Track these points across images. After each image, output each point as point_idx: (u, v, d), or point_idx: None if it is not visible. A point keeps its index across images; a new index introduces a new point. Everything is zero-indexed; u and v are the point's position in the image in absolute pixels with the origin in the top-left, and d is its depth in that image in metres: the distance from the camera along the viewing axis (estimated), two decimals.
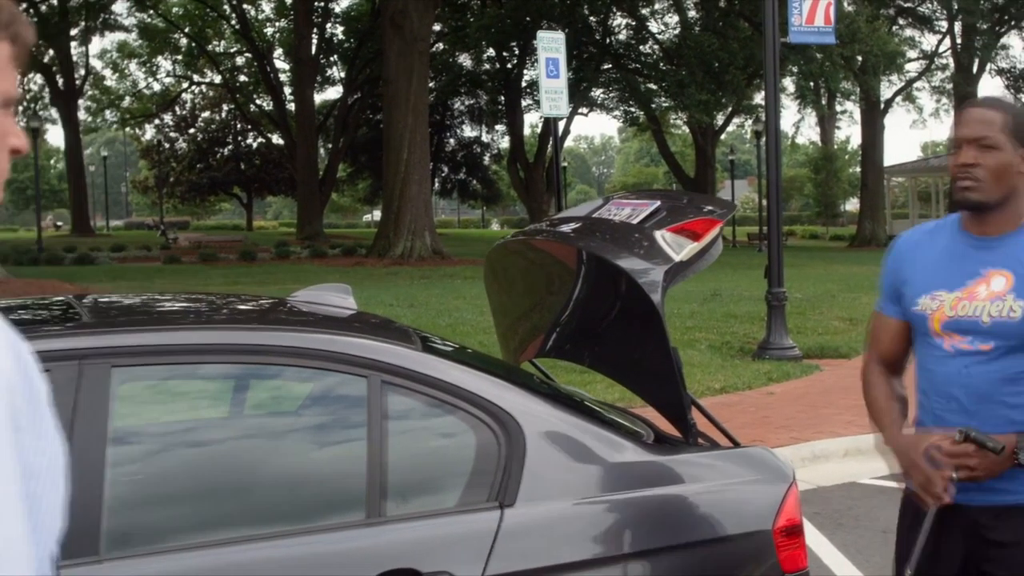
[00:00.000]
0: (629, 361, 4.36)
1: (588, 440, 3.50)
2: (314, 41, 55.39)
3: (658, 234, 3.97)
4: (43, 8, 55.94)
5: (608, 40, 50.66)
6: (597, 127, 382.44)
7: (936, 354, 3.34)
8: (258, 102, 67.88)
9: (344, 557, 3.14)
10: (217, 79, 68.08)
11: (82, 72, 64.69)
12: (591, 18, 48.86)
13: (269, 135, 69.93)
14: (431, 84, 43.11)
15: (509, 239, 4.94)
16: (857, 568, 6.81)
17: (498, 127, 63.87)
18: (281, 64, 64.39)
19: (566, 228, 4.54)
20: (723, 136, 65.23)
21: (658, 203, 4.22)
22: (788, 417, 10.70)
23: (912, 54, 60.11)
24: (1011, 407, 3.21)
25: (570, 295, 4.57)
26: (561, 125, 20.16)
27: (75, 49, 63.40)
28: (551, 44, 15.88)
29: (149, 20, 63.43)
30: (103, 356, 3.09)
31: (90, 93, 69.61)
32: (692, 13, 52.39)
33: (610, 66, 50.97)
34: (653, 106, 51.28)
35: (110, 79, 71.60)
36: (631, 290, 3.89)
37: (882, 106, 57.00)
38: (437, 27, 44.47)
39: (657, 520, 3.50)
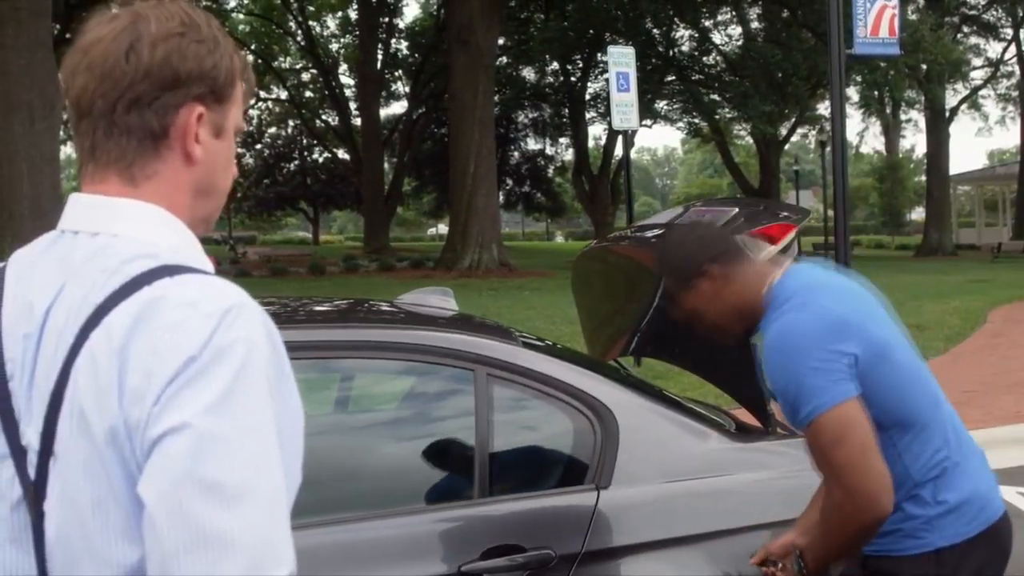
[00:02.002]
0: (711, 358, 4.58)
1: (676, 428, 3.72)
2: (379, 56, 55.82)
3: (737, 238, 4.22)
4: None
5: (672, 52, 50.66)
6: (660, 138, 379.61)
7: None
8: (324, 117, 68.28)
9: (455, 533, 3.37)
10: (283, 95, 68.63)
11: None
12: (654, 30, 48.84)
13: (335, 150, 70.30)
14: (495, 97, 43.33)
15: (592, 246, 5.21)
16: None
17: (562, 140, 63.97)
18: (346, 79, 64.78)
19: (649, 234, 4.80)
20: (787, 146, 64.94)
21: (736, 209, 4.47)
22: None
23: (977, 62, 59.58)
24: None
25: (652, 297, 4.81)
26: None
27: None
28: (621, 59, 16.16)
29: None
30: None
31: None
32: (755, 24, 52.33)
33: (673, 78, 50.92)
34: (717, 117, 51.18)
35: None
36: None
37: (947, 114, 56.35)
38: (500, 41, 44.69)
39: (738, 503, 3.70)
